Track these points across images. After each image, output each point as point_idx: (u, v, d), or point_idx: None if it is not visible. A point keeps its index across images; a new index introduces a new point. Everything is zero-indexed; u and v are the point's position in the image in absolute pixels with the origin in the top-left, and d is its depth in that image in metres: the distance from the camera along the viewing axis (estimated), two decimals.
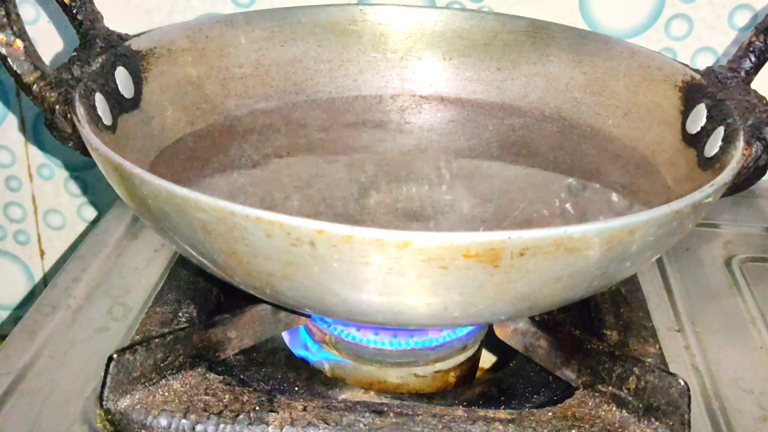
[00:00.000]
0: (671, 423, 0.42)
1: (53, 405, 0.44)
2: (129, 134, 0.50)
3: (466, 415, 0.43)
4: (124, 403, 0.42)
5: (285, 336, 0.51)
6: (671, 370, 0.46)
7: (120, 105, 0.50)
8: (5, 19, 0.45)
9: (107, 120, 0.48)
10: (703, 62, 0.70)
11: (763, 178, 0.50)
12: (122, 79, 0.51)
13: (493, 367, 0.60)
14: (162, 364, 0.44)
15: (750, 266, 0.59)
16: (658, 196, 0.51)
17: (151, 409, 0.42)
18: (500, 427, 0.42)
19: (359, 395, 0.47)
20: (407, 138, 0.59)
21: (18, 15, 0.46)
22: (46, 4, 0.72)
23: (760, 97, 0.51)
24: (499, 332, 0.49)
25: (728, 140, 0.48)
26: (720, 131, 0.49)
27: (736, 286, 0.57)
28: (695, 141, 0.52)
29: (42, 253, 0.83)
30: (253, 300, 0.47)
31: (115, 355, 0.42)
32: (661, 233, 0.38)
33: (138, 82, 0.53)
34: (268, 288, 0.39)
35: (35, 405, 0.44)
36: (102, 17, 0.54)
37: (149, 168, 0.51)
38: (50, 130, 0.48)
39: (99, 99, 0.48)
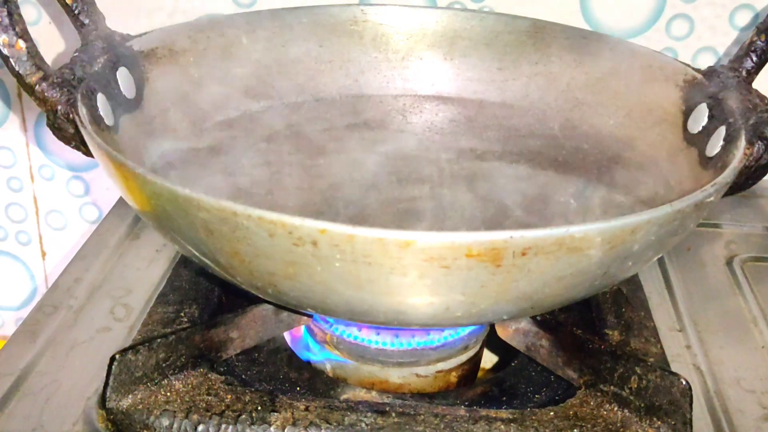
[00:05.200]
0: (673, 422, 0.42)
1: (55, 405, 0.44)
2: (131, 134, 0.50)
3: (467, 414, 0.43)
4: (126, 403, 0.42)
5: (287, 336, 0.51)
6: (673, 369, 0.46)
7: (122, 105, 0.50)
8: (7, 20, 0.45)
9: (109, 120, 0.48)
10: (705, 62, 0.70)
11: (765, 177, 0.50)
12: (124, 79, 0.51)
13: (495, 367, 0.60)
14: (164, 364, 0.44)
15: (751, 266, 0.59)
16: (660, 196, 0.51)
17: (153, 409, 0.42)
18: (502, 426, 0.42)
19: (361, 395, 0.47)
20: (409, 138, 0.59)
21: (20, 16, 0.46)
22: (48, 4, 0.72)
23: (762, 97, 0.51)
24: (500, 332, 0.49)
25: (730, 140, 0.48)
26: (721, 131, 0.49)
27: (738, 285, 0.57)
28: (697, 140, 0.52)
29: (43, 254, 0.83)
30: (255, 300, 0.47)
31: (117, 356, 0.42)
32: (662, 233, 0.38)
33: (140, 83, 0.53)
34: (270, 288, 0.39)
35: (37, 405, 0.44)
36: (104, 18, 0.54)
37: (151, 168, 0.51)
38: (52, 130, 0.48)
39: (101, 99, 0.48)
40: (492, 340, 0.52)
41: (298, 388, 0.47)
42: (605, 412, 0.43)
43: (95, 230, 0.61)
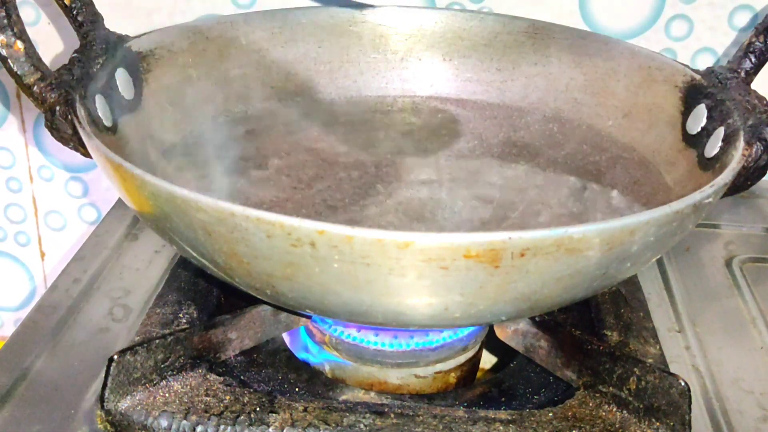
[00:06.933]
0: (672, 423, 0.42)
1: (54, 406, 0.44)
2: (129, 135, 0.50)
3: (466, 415, 0.43)
4: (125, 404, 0.42)
5: (285, 337, 0.51)
6: (672, 370, 0.46)
7: (120, 106, 0.50)
8: (6, 21, 0.45)
9: (108, 121, 0.48)
10: (704, 63, 0.70)
11: (764, 178, 0.50)
12: (123, 80, 0.51)
13: (494, 368, 0.60)
14: (162, 365, 0.44)
15: (750, 267, 0.59)
16: (659, 197, 0.51)
17: (151, 410, 0.42)
18: (501, 427, 0.42)
19: (360, 396, 0.47)
20: (407, 139, 0.59)
21: (18, 16, 0.46)
22: (46, 5, 0.72)
23: (761, 98, 0.51)
24: (499, 333, 0.49)
25: (728, 141, 0.48)
26: (720, 132, 0.49)
27: (737, 286, 0.57)
28: (695, 141, 0.52)
29: (42, 255, 0.83)
30: (254, 301, 0.47)
31: (115, 356, 0.42)
32: (661, 233, 0.38)
33: (138, 84, 0.53)
34: (269, 289, 0.39)
35: (36, 406, 0.44)
36: (102, 18, 0.54)
37: (150, 169, 0.51)
38: (51, 131, 0.48)
39: (99, 100, 0.48)
40: (491, 341, 0.52)
41: (296, 389, 0.47)
42: (604, 413, 0.43)
43: (94, 231, 0.60)
